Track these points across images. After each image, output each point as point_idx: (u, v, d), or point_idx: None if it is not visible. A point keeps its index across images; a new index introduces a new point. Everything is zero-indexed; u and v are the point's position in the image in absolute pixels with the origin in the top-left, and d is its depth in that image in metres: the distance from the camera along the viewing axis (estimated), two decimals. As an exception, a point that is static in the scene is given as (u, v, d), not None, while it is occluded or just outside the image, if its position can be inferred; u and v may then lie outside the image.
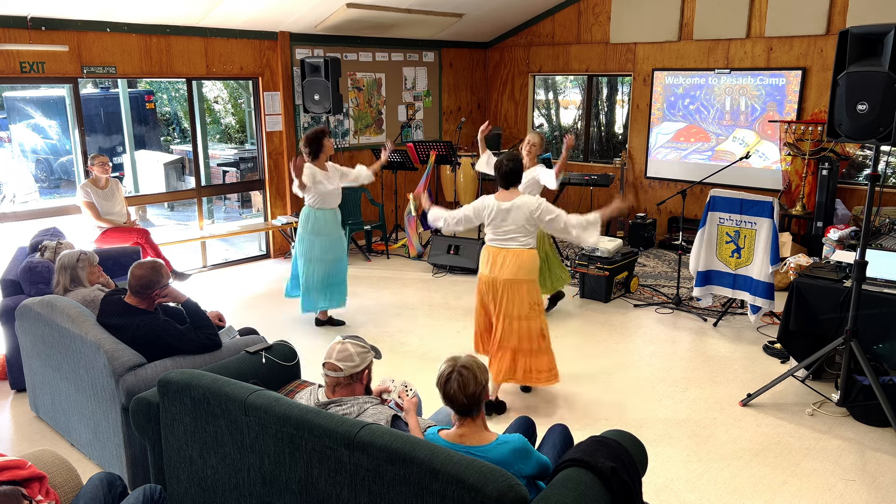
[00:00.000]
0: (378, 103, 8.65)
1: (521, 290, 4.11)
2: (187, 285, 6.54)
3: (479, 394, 2.42)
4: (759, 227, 5.35)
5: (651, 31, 8.14)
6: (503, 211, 4.09)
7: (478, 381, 2.42)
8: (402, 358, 5.07)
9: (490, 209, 4.12)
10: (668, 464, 3.66)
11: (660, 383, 4.65)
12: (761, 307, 5.37)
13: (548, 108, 11.68)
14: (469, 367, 2.44)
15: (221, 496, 2.64)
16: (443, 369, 2.46)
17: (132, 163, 10.68)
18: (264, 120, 7.54)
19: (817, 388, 4.43)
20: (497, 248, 4.15)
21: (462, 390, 2.39)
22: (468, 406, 2.41)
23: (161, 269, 3.47)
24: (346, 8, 7.07)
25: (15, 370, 4.42)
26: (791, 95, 7.32)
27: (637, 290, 6.61)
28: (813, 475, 3.56)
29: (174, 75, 6.84)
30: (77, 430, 3.70)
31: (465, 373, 2.41)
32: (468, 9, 8.13)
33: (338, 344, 2.72)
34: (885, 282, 4.22)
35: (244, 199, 10.47)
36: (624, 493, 2.21)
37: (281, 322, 5.80)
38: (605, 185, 7.43)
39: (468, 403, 2.41)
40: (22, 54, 5.76)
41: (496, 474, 1.99)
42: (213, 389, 2.56)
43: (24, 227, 5.82)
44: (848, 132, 3.69)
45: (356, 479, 2.21)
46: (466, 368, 2.43)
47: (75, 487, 2.60)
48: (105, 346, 3.22)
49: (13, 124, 11.65)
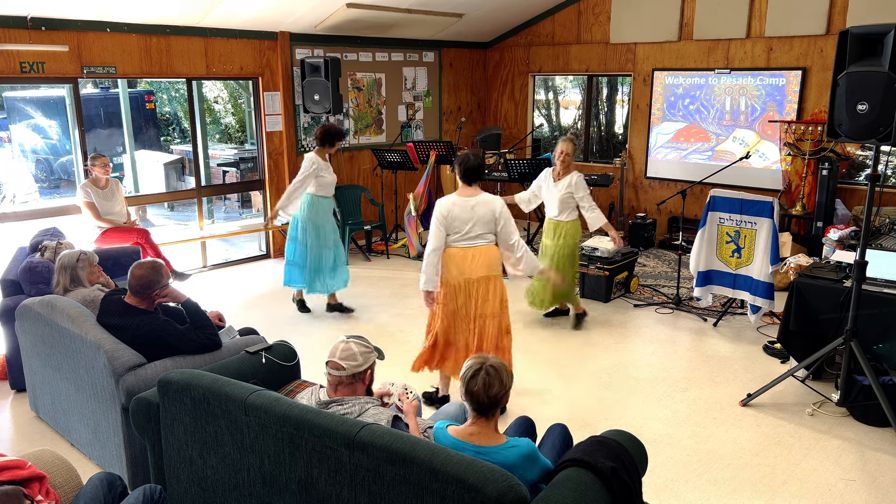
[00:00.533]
0: (378, 103, 8.65)
1: (494, 287, 4.06)
2: (187, 285, 6.54)
3: (500, 396, 2.42)
4: (759, 227, 5.35)
5: (651, 31, 8.15)
6: (468, 208, 3.99)
7: (503, 383, 2.42)
8: (402, 358, 5.07)
9: (452, 209, 4.00)
10: (668, 464, 3.66)
11: (660, 383, 4.65)
12: (761, 307, 5.38)
13: (548, 109, 11.68)
14: (497, 368, 2.43)
15: (221, 496, 2.64)
16: (470, 364, 2.44)
17: (132, 163, 10.69)
18: (264, 120, 7.54)
19: (817, 388, 4.43)
20: (464, 248, 4.03)
21: (486, 389, 2.39)
22: (487, 406, 2.41)
23: (161, 269, 3.47)
24: (346, 8, 7.07)
25: (15, 370, 4.42)
26: (791, 95, 7.32)
27: (637, 290, 6.61)
28: (813, 475, 3.56)
29: (174, 75, 6.84)
30: (77, 430, 3.70)
31: (492, 373, 2.40)
32: (468, 9, 8.13)
33: (342, 343, 2.73)
34: (885, 282, 4.22)
35: (244, 199, 10.48)
36: (624, 493, 2.22)
37: (281, 322, 5.80)
38: (605, 185, 7.43)
39: (488, 404, 2.41)
40: (22, 54, 5.77)
41: (496, 474, 1.99)
42: (213, 389, 2.57)
43: (24, 227, 5.82)
44: (848, 132, 3.69)
45: (356, 479, 2.21)
46: (495, 369, 2.42)
47: (75, 487, 2.60)
48: (105, 346, 3.23)
49: (13, 124, 11.66)
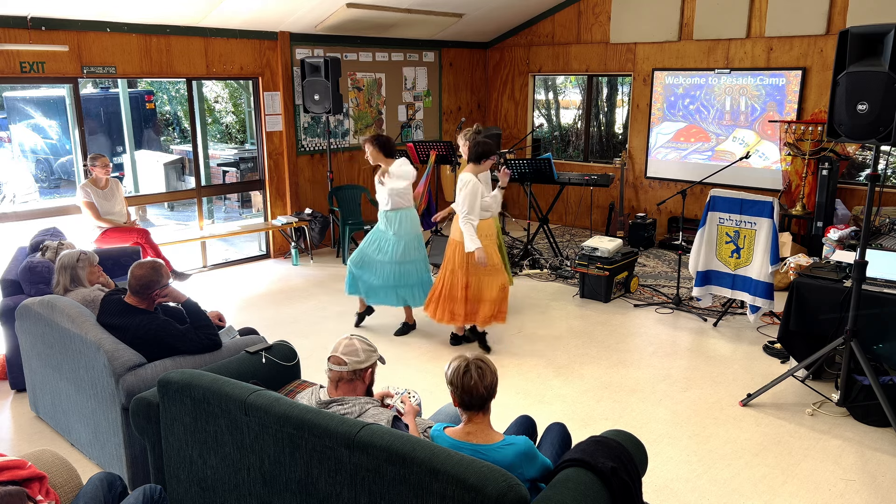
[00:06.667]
0: (378, 103, 8.64)
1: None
2: (187, 285, 6.54)
3: (495, 385, 2.45)
4: (758, 227, 5.35)
5: (651, 31, 8.15)
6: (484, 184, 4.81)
7: (493, 371, 2.46)
8: (402, 357, 5.07)
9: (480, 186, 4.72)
10: (668, 464, 3.66)
11: (660, 383, 4.65)
12: (760, 307, 5.38)
13: (548, 108, 11.68)
14: (483, 359, 2.47)
15: (221, 496, 2.64)
16: (456, 364, 2.46)
17: (132, 163, 10.69)
18: (264, 120, 7.54)
19: (817, 388, 4.43)
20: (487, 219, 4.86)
21: (481, 381, 2.41)
22: (485, 398, 2.43)
23: (161, 269, 3.47)
24: (346, 8, 7.07)
25: (15, 370, 4.42)
26: (791, 95, 7.32)
27: (637, 290, 6.61)
28: (813, 475, 3.56)
29: (174, 75, 6.84)
30: (77, 430, 3.70)
31: (481, 365, 2.44)
32: (468, 9, 8.13)
33: (345, 339, 2.74)
34: (885, 282, 4.22)
35: (244, 199, 10.48)
36: (624, 493, 2.22)
37: (281, 322, 5.80)
38: (605, 185, 7.43)
39: (486, 395, 2.43)
40: (22, 54, 5.77)
41: (496, 474, 1.99)
42: (213, 389, 2.56)
43: (24, 227, 5.82)
44: (848, 132, 3.69)
45: (356, 479, 2.21)
46: (482, 361, 2.46)
47: (75, 487, 2.61)
48: (105, 346, 3.23)
49: (13, 124, 11.66)
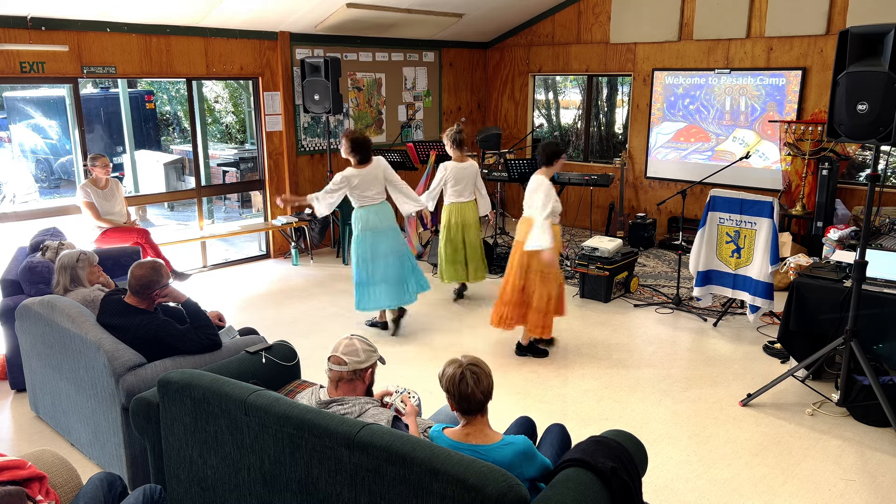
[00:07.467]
0: (378, 103, 8.64)
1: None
2: (187, 285, 6.54)
3: (491, 387, 2.44)
4: (759, 227, 5.35)
5: (651, 31, 8.14)
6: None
7: (488, 374, 2.45)
8: (402, 357, 5.07)
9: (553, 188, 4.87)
10: (668, 464, 3.66)
11: (660, 383, 4.65)
12: (760, 307, 5.38)
13: (548, 108, 11.68)
14: (477, 363, 2.45)
15: (221, 496, 2.64)
16: (451, 371, 2.42)
17: (132, 163, 10.69)
18: (264, 120, 7.54)
19: (817, 388, 4.43)
20: (556, 224, 4.90)
21: (478, 386, 2.40)
22: (483, 402, 2.42)
23: (161, 269, 3.47)
24: (346, 8, 7.07)
25: (15, 370, 4.42)
26: (791, 95, 7.32)
27: (637, 290, 6.61)
28: (813, 475, 3.56)
29: (174, 75, 6.84)
30: (77, 430, 3.70)
31: (476, 370, 2.42)
32: (468, 9, 8.13)
33: (346, 339, 2.74)
34: (885, 282, 4.22)
35: (244, 199, 10.48)
36: (624, 493, 2.22)
37: (281, 322, 5.80)
38: (605, 185, 7.43)
39: (483, 399, 2.42)
40: (22, 54, 5.77)
41: (496, 474, 1.99)
42: (213, 389, 2.56)
43: (24, 227, 5.82)
44: (848, 132, 3.69)
45: (356, 479, 2.21)
46: (476, 366, 2.43)
47: (75, 487, 2.60)
48: (105, 346, 3.23)
49: (13, 124, 11.66)
